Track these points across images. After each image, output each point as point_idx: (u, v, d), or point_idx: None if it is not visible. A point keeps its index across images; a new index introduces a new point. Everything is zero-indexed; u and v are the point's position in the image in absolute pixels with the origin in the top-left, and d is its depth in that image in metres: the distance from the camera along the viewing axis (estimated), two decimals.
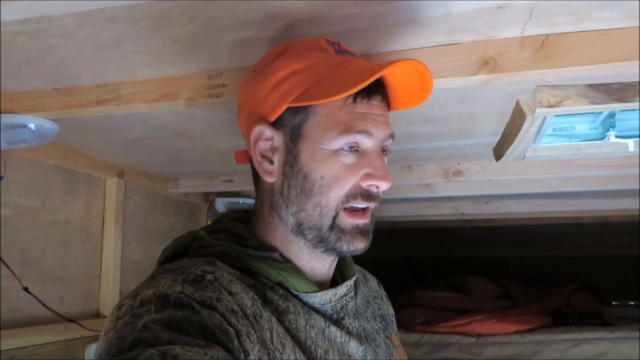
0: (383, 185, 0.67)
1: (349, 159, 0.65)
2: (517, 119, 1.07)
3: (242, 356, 0.55)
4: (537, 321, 2.47)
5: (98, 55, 0.86)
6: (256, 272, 0.66)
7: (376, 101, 0.67)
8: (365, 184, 0.66)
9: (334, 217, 0.66)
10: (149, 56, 0.87)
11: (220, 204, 2.22)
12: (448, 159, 1.64)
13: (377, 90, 0.67)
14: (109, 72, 0.94)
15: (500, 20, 0.75)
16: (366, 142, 0.66)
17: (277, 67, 0.68)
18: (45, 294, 1.40)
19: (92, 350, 1.51)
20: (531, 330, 2.40)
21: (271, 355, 0.59)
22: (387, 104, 0.71)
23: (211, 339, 0.52)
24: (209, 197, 2.27)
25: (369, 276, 0.89)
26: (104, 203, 1.69)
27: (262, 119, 0.69)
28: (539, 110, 0.95)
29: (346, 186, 0.65)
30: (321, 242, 0.67)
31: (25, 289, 1.32)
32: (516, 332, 2.38)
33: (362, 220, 0.68)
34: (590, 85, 0.93)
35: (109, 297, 1.65)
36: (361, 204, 0.67)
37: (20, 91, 1.03)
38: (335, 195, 0.65)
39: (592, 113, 1.10)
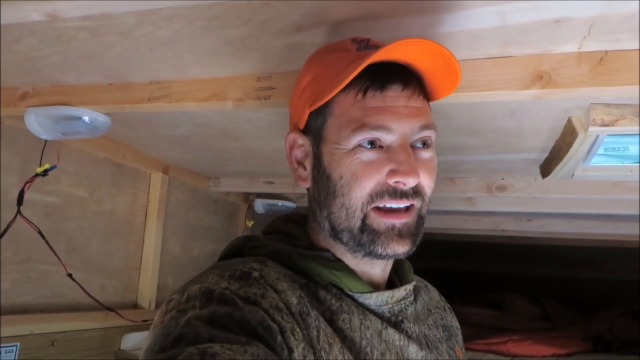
0: (409, 181, 0.61)
1: (368, 155, 0.62)
2: (568, 136, 1.04)
3: (286, 353, 0.54)
4: (576, 345, 2.39)
5: (153, 53, 0.89)
6: (309, 271, 0.66)
7: (394, 92, 0.63)
8: (391, 181, 0.62)
9: (363, 218, 0.63)
10: (202, 56, 0.89)
11: (260, 205, 2.24)
12: (492, 173, 1.60)
13: (395, 79, 0.63)
14: (162, 70, 0.96)
15: (557, 34, 0.73)
16: (388, 138, 0.62)
17: (302, 75, 0.71)
18: (87, 281, 1.45)
19: (128, 339, 1.55)
20: (570, 355, 2.32)
21: (317, 354, 0.58)
22: (421, 93, 0.66)
23: (252, 335, 0.52)
24: (248, 198, 2.30)
25: (430, 287, 0.86)
26: (148, 197, 1.73)
27: (295, 127, 0.71)
28: (592, 129, 0.92)
29: (367, 184, 0.62)
30: (358, 246, 0.65)
31: (70, 275, 1.36)
32: (554, 355, 2.30)
33: (400, 220, 0.63)
34: None
35: (147, 289, 1.69)
36: (391, 203, 0.63)
37: (77, 84, 1.07)
38: (357, 195, 0.63)
39: None
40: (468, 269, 3.91)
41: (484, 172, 1.59)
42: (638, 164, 1.13)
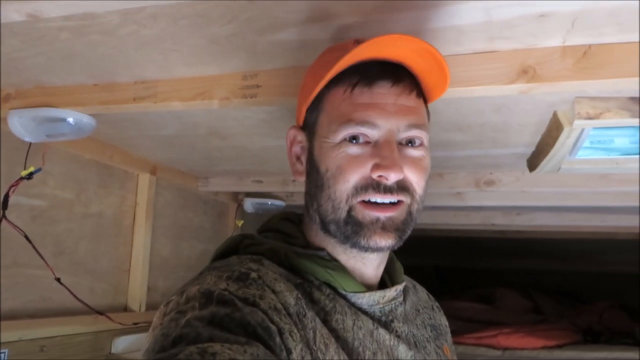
0: (391, 176, 0.62)
1: (353, 150, 0.64)
2: (554, 130, 1.05)
3: (285, 354, 0.55)
4: (566, 337, 2.41)
5: (138, 52, 0.88)
6: (303, 270, 0.67)
7: (383, 88, 0.64)
8: (375, 175, 0.63)
9: (349, 210, 0.64)
10: (187, 55, 0.88)
11: (249, 204, 2.23)
12: (480, 168, 1.61)
13: (383, 76, 0.64)
14: (147, 69, 0.95)
15: (542, 28, 0.73)
16: (374, 133, 0.64)
17: (305, 76, 0.74)
18: (76, 285, 1.43)
19: (119, 342, 1.54)
20: (560, 346, 2.34)
21: (314, 355, 0.59)
22: (414, 91, 0.66)
23: (252, 336, 0.52)
24: (237, 197, 2.29)
25: (419, 287, 0.87)
26: (136, 198, 1.72)
27: (296, 125, 0.74)
28: (577, 122, 0.93)
29: (351, 177, 0.63)
30: (345, 238, 0.65)
31: (58, 279, 1.35)
32: (544, 347, 2.33)
33: (385, 214, 0.64)
34: (632, 98, 0.91)
35: (137, 291, 1.67)
36: (376, 197, 0.63)
37: (61, 85, 1.06)
38: (341, 187, 0.64)
39: (633, 126, 1.07)
40: (459, 264, 3.93)
41: (472, 167, 1.60)
42: (638, 156, 1.14)
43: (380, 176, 0.63)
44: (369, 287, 0.70)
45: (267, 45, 0.82)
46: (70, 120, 1.09)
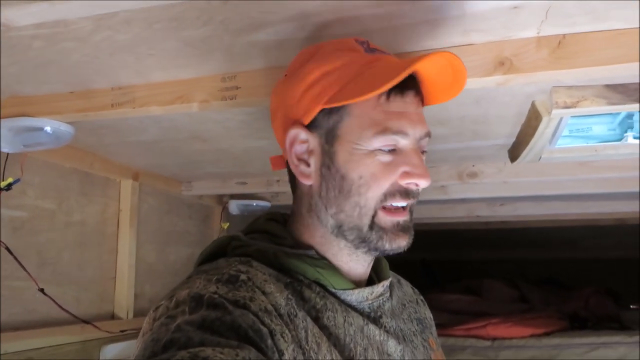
0: (422, 183, 0.66)
1: (386, 157, 0.65)
2: (532, 120, 1.06)
3: (277, 355, 0.55)
4: (553, 325, 2.44)
5: (113, 58, 0.87)
6: (293, 270, 0.67)
7: (410, 97, 0.66)
8: (404, 182, 0.65)
9: (373, 217, 0.66)
10: (164, 59, 0.87)
11: (234, 206, 2.22)
12: (463, 161, 1.62)
13: (411, 85, 0.66)
14: (123, 75, 0.94)
15: (516, 20, 0.74)
16: (402, 141, 0.66)
17: (308, 70, 0.68)
18: (62, 295, 1.42)
19: (107, 351, 1.52)
20: (548, 334, 2.37)
21: (306, 355, 0.59)
22: (421, 100, 0.69)
23: (243, 339, 0.52)
24: (222, 199, 2.28)
25: (403, 281, 0.88)
26: (119, 205, 1.70)
27: (297, 122, 0.69)
28: (555, 111, 0.94)
29: (384, 185, 0.65)
30: (363, 243, 0.67)
31: (41, 290, 1.33)
32: (532, 336, 2.36)
33: (402, 217, 0.68)
34: (608, 86, 0.92)
35: (123, 298, 1.66)
36: (400, 202, 0.67)
37: (37, 94, 1.04)
38: (373, 195, 0.65)
39: (610, 114, 1.09)
40: (445, 257, 3.95)
41: (454, 160, 1.61)
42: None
43: (409, 183, 0.66)
44: (357, 284, 0.71)
45: (244, 46, 0.82)
46: (48, 129, 1.07)
